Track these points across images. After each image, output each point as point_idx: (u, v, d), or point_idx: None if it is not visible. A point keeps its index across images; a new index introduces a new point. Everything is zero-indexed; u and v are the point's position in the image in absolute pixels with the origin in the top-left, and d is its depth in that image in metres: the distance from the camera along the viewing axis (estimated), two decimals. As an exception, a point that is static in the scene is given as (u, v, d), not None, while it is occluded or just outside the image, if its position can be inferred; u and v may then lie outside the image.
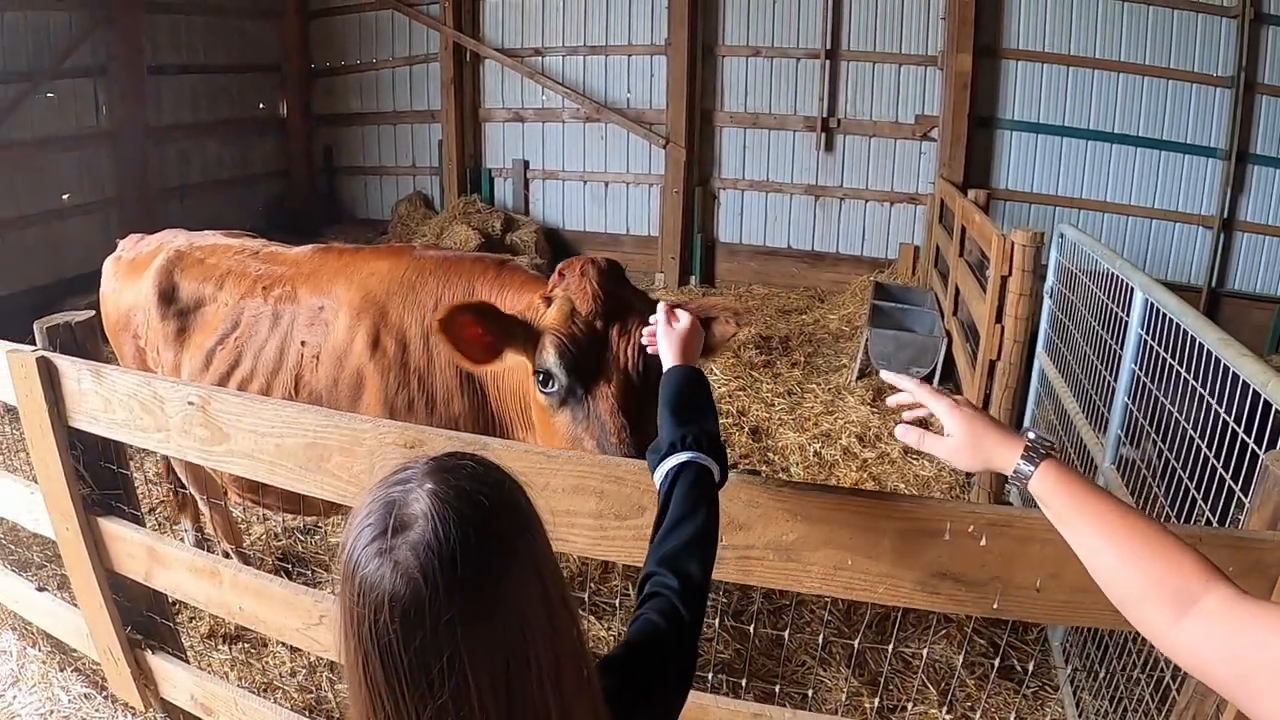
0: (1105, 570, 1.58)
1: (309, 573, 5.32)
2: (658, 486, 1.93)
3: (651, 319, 2.47)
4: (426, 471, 1.32)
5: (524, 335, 3.11)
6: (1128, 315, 4.14)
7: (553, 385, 3.01)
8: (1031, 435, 1.73)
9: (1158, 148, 10.19)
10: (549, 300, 3.14)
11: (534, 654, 1.29)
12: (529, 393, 3.32)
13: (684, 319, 2.37)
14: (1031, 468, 1.69)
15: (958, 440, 1.81)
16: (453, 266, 3.72)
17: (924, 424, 1.92)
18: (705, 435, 1.96)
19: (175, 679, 3.73)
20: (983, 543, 2.08)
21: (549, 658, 1.31)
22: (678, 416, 2.01)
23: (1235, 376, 3.05)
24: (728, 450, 6.79)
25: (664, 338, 2.32)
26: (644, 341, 2.41)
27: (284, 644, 4.56)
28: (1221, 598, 1.40)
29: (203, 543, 5.07)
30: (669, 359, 2.23)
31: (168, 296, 4.20)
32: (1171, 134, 10.12)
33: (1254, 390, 2.92)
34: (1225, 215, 9.97)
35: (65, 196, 10.95)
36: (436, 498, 1.27)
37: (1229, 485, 3.06)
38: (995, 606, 2.14)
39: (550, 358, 2.99)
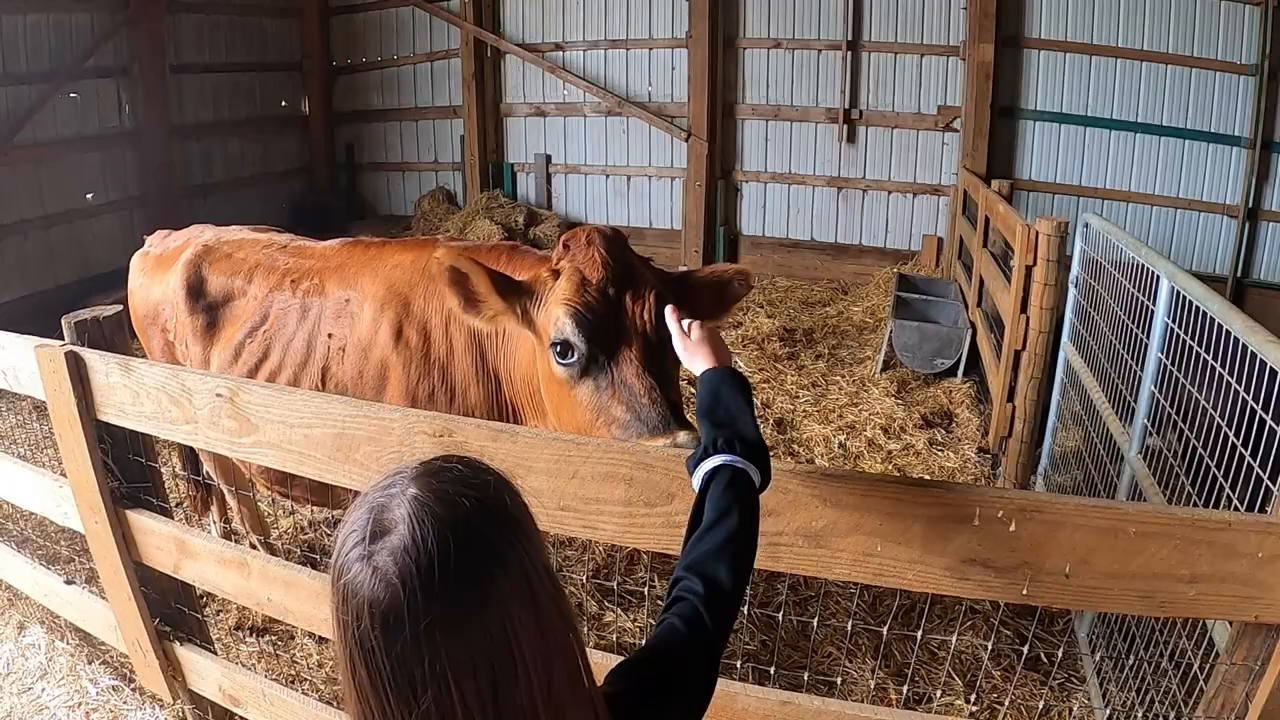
0: None
1: (336, 565, 5.32)
2: (695, 491, 1.90)
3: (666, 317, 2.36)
4: (413, 476, 1.32)
5: (516, 296, 3.14)
6: (1153, 304, 4.12)
7: (572, 355, 2.99)
8: None
9: (1181, 136, 10.12)
10: (556, 273, 3.13)
11: (522, 660, 1.27)
12: (536, 378, 3.33)
13: (696, 329, 2.25)
14: None
15: None
16: (470, 254, 3.72)
17: None
18: (739, 438, 1.91)
19: (203, 670, 3.75)
20: (1012, 528, 2.07)
21: (539, 664, 1.29)
22: (712, 419, 1.97)
23: (1262, 363, 3.03)
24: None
25: (684, 349, 2.23)
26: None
27: (311, 636, 4.59)
28: None
29: (229, 534, 5.09)
30: (698, 365, 2.16)
31: (196, 291, 4.22)
32: (1195, 123, 10.05)
33: (1282, 376, 2.90)
34: (1250, 204, 9.90)
35: (89, 196, 11.04)
36: (417, 502, 1.27)
37: (1257, 473, 3.04)
38: (1024, 593, 2.13)
39: (568, 327, 2.98)
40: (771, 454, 2.03)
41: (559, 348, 3.01)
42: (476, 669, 1.24)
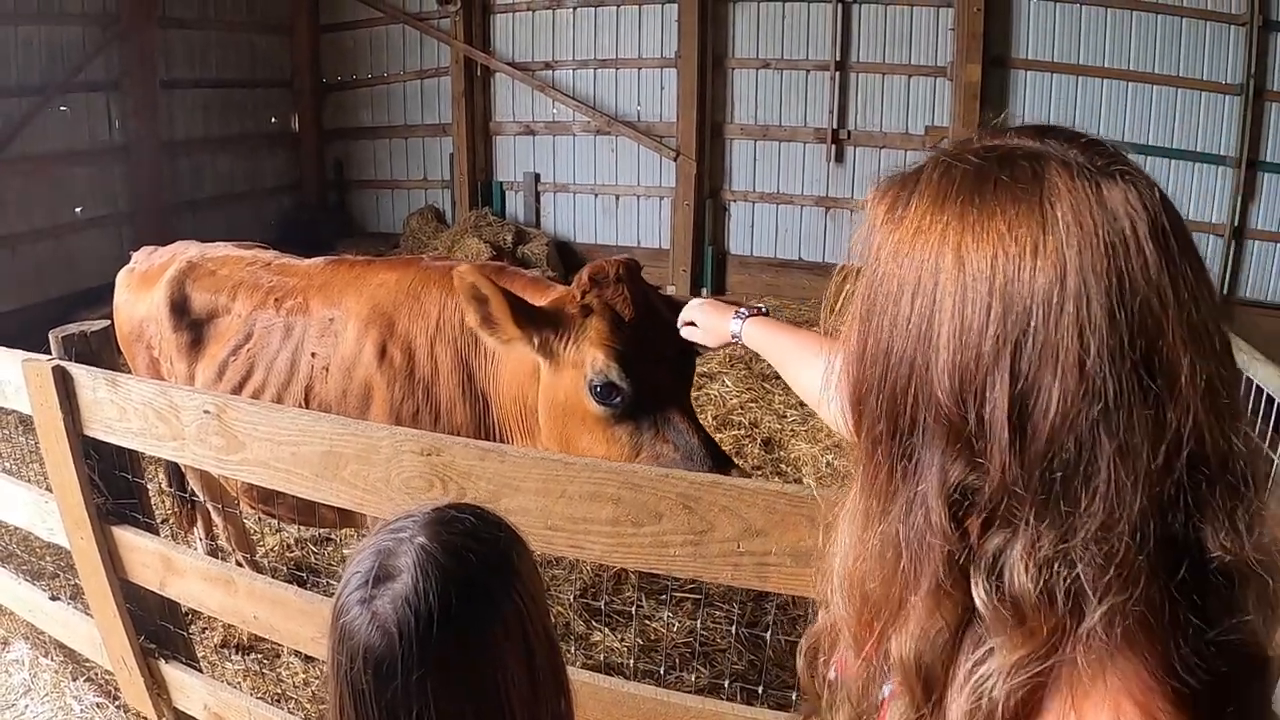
0: (801, 383, 1.99)
1: (323, 582, 5.31)
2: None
3: None
4: (423, 523, 1.32)
5: (536, 327, 3.12)
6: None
7: (616, 397, 3.02)
8: (742, 306, 2.35)
9: (1167, 156, 10.14)
10: (585, 308, 3.13)
11: (511, 717, 1.28)
12: (526, 399, 3.34)
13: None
14: (739, 325, 2.40)
15: (701, 326, 2.60)
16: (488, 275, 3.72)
17: None
18: None
19: (188, 688, 3.73)
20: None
21: None
22: None
23: (1248, 380, 3.05)
24: (741, 461, 6.77)
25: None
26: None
27: (297, 654, 4.57)
28: None
29: (216, 552, 5.07)
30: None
31: (180, 308, 4.20)
32: (1181, 142, 10.08)
33: (1268, 394, 2.92)
34: (1236, 223, 9.92)
35: (78, 210, 11.00)
36: (424, 552, 1.27)
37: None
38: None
39: (613, 371, 3.00)
40: (759, 474, 2.07)
41: (601, 389, 3.03)
42: None
